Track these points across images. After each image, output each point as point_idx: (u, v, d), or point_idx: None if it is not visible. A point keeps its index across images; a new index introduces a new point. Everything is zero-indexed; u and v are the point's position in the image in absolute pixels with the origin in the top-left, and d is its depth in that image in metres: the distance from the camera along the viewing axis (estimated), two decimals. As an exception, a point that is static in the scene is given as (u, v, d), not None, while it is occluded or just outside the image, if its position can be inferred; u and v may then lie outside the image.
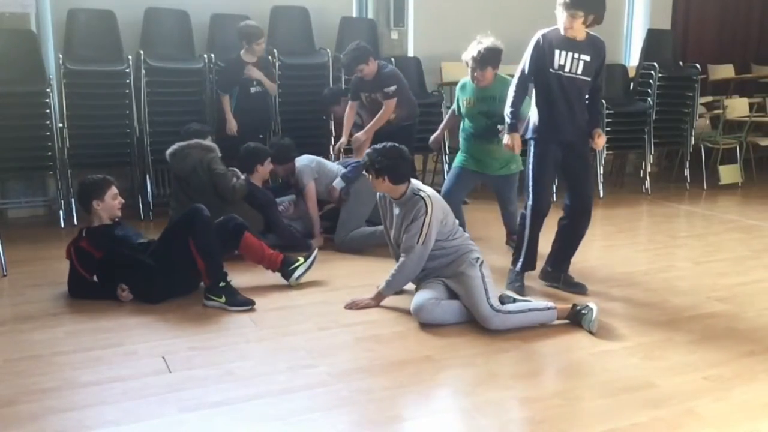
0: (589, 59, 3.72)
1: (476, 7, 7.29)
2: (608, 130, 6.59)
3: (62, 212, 5.60)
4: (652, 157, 7.23)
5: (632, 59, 8.08)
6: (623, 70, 7.42)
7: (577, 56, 3.70)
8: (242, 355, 3.14)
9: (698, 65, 7.37)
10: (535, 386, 2.93)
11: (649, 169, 7.20)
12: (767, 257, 4.82)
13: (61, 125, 5.57)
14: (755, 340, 3.35)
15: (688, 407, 2.67)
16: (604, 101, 6.12)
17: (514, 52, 4.25)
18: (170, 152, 4.73)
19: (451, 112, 4.94)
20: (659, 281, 4.24)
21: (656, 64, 7.06)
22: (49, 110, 5.47)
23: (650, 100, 7.03)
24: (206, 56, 5.94)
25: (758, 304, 3.85)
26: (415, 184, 3.65)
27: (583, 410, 2.67)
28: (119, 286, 3.75)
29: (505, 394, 2.83)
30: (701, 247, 5.11)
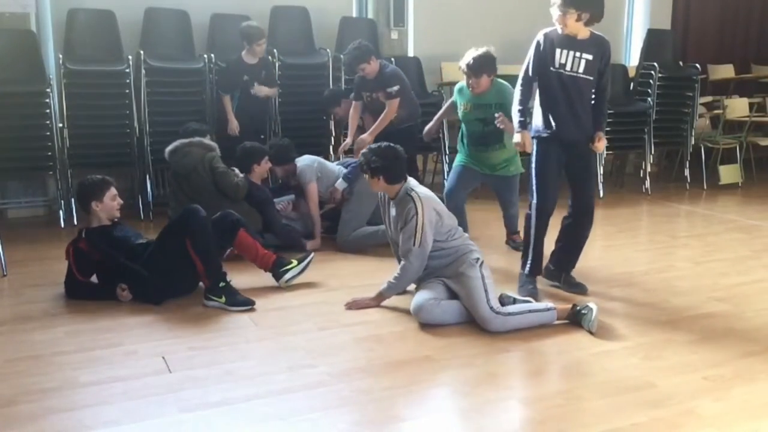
0: (591, 58, 3.68)
1: (476, 7, 7.30)
2: (608, 130, 6.55)
3: (62, 212, 5.60)
4: (652, 157, 7.23)
5: (632, 59, 8.08)
6: (623, 70, 7.41)
7: (578, 55, 3.67)
8: (242, 355, 3.14)
9: (698, 65, 7.37)
10: (535, 386, 2.93)
11: (649, 169, 7.19)
12: (767, 257, 4.82)
13: (61, 125, 5.57)
14: (755, 340, 3.35)
15: (688, 407, 2.67)
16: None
17: (514, 52, 4.25)
18: (170, 149, 4.72)
19: (449, 103, 4.89)
20: (659, 281, 4.24)
21: (656, 64, 7.05)
22: (49, 110, 5.47)
23: (650, 100, 7.03)
24: (206, 56, 5.94)
25: (758, 304, 3.85)
26: (409, 183, 3.64)
27: (583, 410, 2.67)
28: (119, 285, 3.75)
29: (504, 394, 2.84)
30: (701, 247, 5.11)
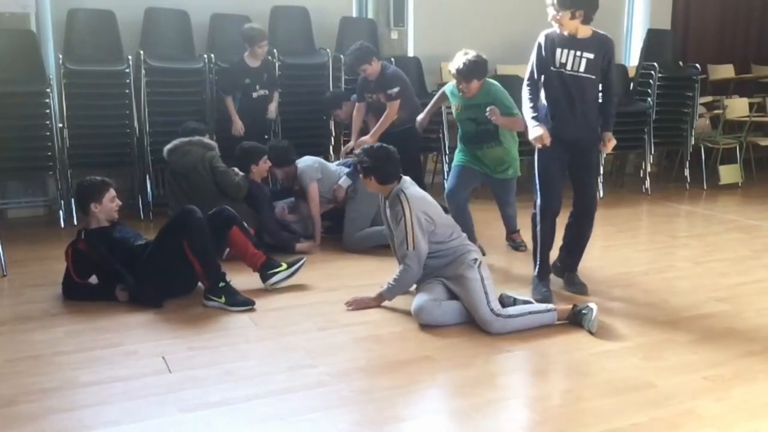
0: (592, 57, 3.66)
1: (476, 7, 7.29)
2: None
3: (62, 212, 5.60)
4: (652, 157, 7.23)
5: (632, 59, 8.07)
6: (623, 70, 7.40)
7: (579, 54, 3.66)
8: (242, 355, 3.15)
9: (698, 65, 7.37)
10: (534, 386, 2.94)
11: (649, 169, 7.19)
12: (767, 257, 4.82)
13: (61, 125, 5.57)
14: (755, 340, 3.35)
15: (688, 407, 2.67)
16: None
17: (514, 52, 4.24)
18: (169, 148, 4.71)
19: (439, 94, 4.85)
20: (659, 281, 4.24)
21: (656, 64, 7.05)
22: (49, 110, 5.47)
23: (650, 100, 7.02)
24: (206, 56, 5.94)
25: (758, 304, 3.85)
26: (402, 184, 3.61)
27: (583, 410, 2.67)
28: (118, 286, 3.75)
29: (504, 394, 2.84)
30: (701, 247, 5.11)
